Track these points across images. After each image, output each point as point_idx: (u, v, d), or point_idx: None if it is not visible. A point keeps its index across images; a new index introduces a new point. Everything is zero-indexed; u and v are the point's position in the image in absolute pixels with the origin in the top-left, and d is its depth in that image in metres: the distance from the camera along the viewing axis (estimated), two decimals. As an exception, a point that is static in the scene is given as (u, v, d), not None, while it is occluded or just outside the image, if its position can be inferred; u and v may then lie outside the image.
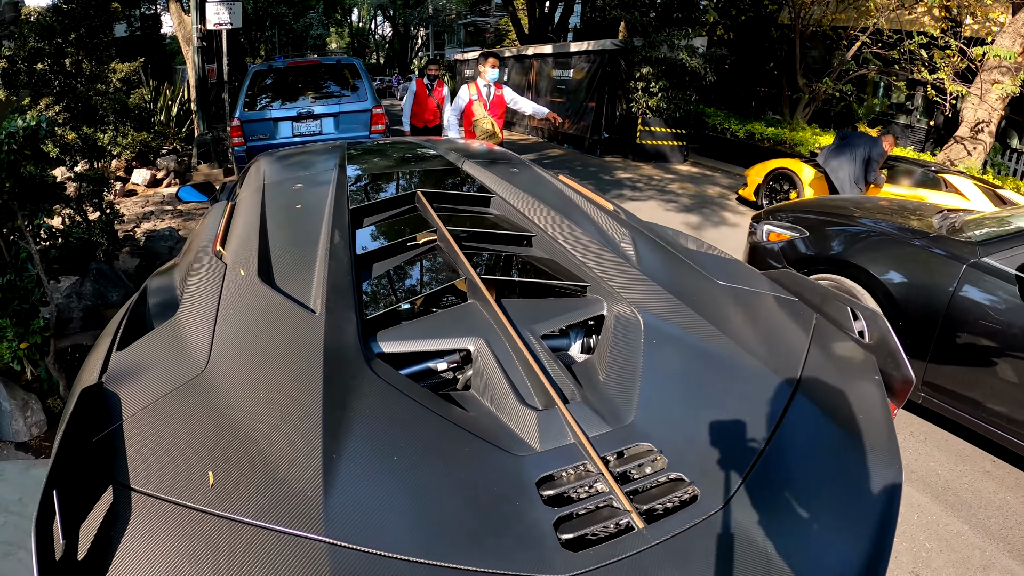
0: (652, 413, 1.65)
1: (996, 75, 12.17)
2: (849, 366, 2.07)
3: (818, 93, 14.20)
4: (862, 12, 14.26)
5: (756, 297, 2.44)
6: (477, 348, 1.88)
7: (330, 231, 2.41)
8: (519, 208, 2.84)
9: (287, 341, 1.78)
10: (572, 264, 2.42)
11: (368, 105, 9.37)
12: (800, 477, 1.54)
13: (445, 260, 2.40)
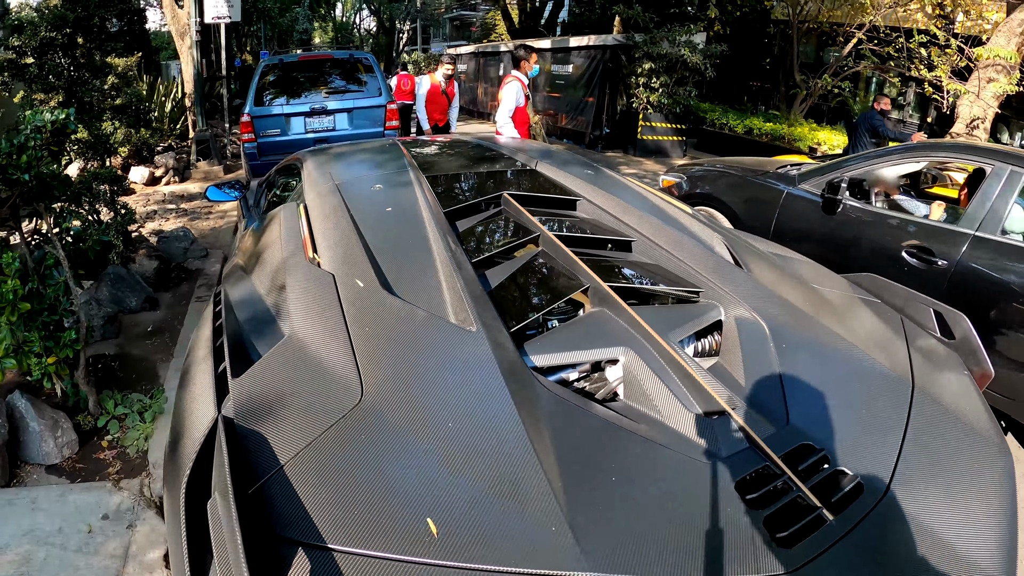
0: (803, 413, 1.75)
1: (992, 73, 12.39)
2: (943, 363, 2.22)
3: (815, 89, 14.37)
4: (858, 9, 14.44)
5: (848, 300, 2.54)
6: (627, 358, 1.85)
7: (437, 236, 2.31)
8: (609, 211, 2.80)
9: (454, 361, 1.71)
10: (679, 268, 2.40)
11: (382, 101, 9.27)
12: (938, 462, 1.69)
13: (558, 266, 2.32)
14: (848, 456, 1.62)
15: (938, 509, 1.54)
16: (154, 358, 4.39)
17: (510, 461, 1.41)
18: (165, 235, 6.44)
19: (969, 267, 4.06)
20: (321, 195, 2.84)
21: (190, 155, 11.73)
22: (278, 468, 1.37)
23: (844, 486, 1.53)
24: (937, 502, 1.56)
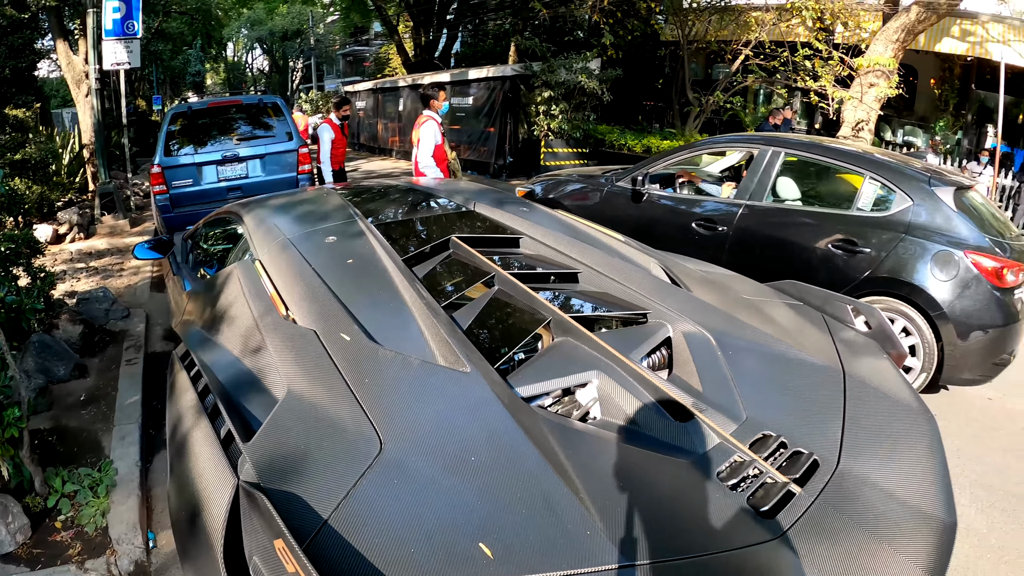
0: (757, 407, 2.03)
1: (872, 79, 13.08)
2: (864, 349, 2.57)
3: (707, 105, 14.79)
4: (744, 27, 15.00)
5: (776, 305, 2.88)
6: (600, 379, 2.04)
7: (406, 284, 2.40)
8: (552, 245, 2.97)
9: (458, 401, 1.83)
10: (625, 293, 2.61)
11: (294, 145, 9.01)
12: (876, 432, 2.04)
13: (518, 302, 2.45)
14: (802, 438, 1.92)
15: (883, 469, 1.86)
16: (93, 428, 4.14)
17: (535, 481, 1.56)
18: (85, 296, 6.03)
19: (742, 228, 5.34)
20: (276, 251, 2.82)
21: (93, 209, 10.95)
22: (323, 523, 1.41)
23: (804, 463, 1.80)
24: (881, 464, 1.88)
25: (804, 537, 1.56)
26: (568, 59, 13.87)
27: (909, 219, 4.79)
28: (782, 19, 14.73)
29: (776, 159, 5.41)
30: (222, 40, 41.04)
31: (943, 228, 4.71)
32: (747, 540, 1.53)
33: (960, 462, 4.27)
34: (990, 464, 4.33)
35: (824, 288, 4.42)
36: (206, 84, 49.93)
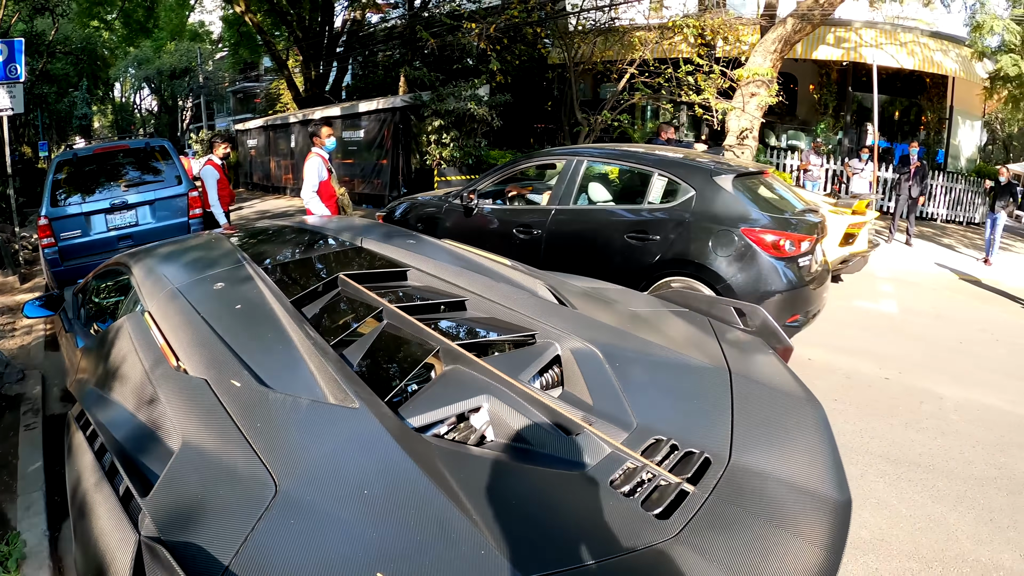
0: (647, 414, 2.11)
1: (753, 88, 13.47)
2: (751, 348, 2.70)
3: (596, 124, 14.93)
4: (628, 47, 15.25)
5: (661, 314, 3.00)
6: (490, 403, 2.07)
7: (294, 326, 2.39)
8: (438, 275, 3.06)
9: (348, 437, 1.83)
10: (512, 316, 2.69)
11: (183, 189, 8.66)
12: (765, 424, 2.12)
13: (406, 335, 2.47)
14: (693, 439, 1.99)
15: (774, 459, 1.95)
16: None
17: (428, 508, 1.58)
18: (-30, 360, 5.54)
19: (553, 230, 5.92)
20: (165, 301, 2.79)
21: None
22: (224, 570, 1.41)
23: (696, 462, 1.88)
24: (772, 454, 1.97)
25: (701, 533, 1.62)
26: (457, 87, 13.79)
27: (692, 206, 5.35)
28: (665, 37, 15.05)
29: (580, 167, 6.06)
30: (109, 80, 39.61)
31: (722, 211, 5.27)
32: (643, 542, 1.57)
33: (865, 440, 4.58)
34: (894, 439, 4.62)
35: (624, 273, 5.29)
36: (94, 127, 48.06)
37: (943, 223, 18.21)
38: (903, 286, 9.84)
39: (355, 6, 21.41)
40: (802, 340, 6.36)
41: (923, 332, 7.39)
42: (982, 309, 8.82)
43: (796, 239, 5.17)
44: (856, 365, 5.99)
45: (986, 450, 4.54)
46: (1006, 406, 5.33)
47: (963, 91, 19.50)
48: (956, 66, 17.66)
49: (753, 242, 5.10)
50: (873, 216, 10.35)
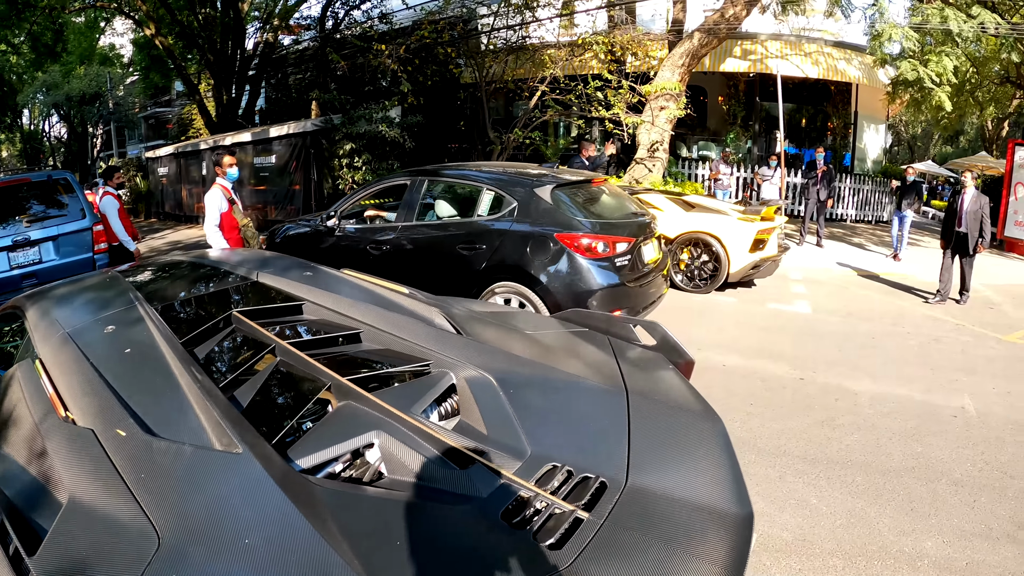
0: (541, 441, 2.06)
1: (662, 102, 13.70)
2: (650, 365, 2.70)
3: (508, 142, 14.95)
4: (539, 65, 15.34)
5: (560, 335, 2.98)
6: (381, 439, 2.01)
7: (182, 369, 2.31)
8: (333, 308, 2.98)
9: (231, 484, 1.77)
10: (406, 347, 2.64)
11: (87, 223, 8.29)
12: (662, 444, 2.10)
13: (298, 372, 2.41)
14: (588, 464, 1.96)
15: (672, 478, 1.92)
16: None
17: (309, 555, 1.53)
18: None
19: (398, 245, 6.39)
20: (55, 348, 2.66)
21: None
22: None
23: (591, 488, 1.84)
24: (669, 473, 1.95)
25: (596, 561, 1.59)
26: (368, 110, 13.63)
27: (515, 216, 5.85)
28: (575, 54, 15.20)
29: (422, 186, 6.59)
30: (16, 107, 37.93)
31: (539, 219, 5.74)
32: (535, 574, 1.54)
33: (783, 442, 4.61)
34: (811, 438, 4.67)
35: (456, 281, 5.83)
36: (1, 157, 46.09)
37: (853, 223, 18.85)
38: (815, 286, 10.10)
39: (267, 28, 21.00)
40: (717, 347, 6.58)
41: (836, 330, 7.58)
42: (892, 304, 9.09)
43: (610, 241, 5.67)
44: (771, 368, 6.09)
45: (902, 441, 4.65)
46: (919, 395, 5.51)
47: (867, 97, 20.31)
48: (859, 73, 18.38)
49: (567, 246, 5.58)
50: (782, 221, 10.64)
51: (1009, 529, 3.60)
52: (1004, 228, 14.88)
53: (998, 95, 20.75)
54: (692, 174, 17.73)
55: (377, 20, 16.99)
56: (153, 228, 18.74)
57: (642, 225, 6.20)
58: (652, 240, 6.39)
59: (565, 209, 5.84)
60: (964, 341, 7.31)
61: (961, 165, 24.64)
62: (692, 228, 8.89)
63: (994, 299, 9.76)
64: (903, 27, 13.73)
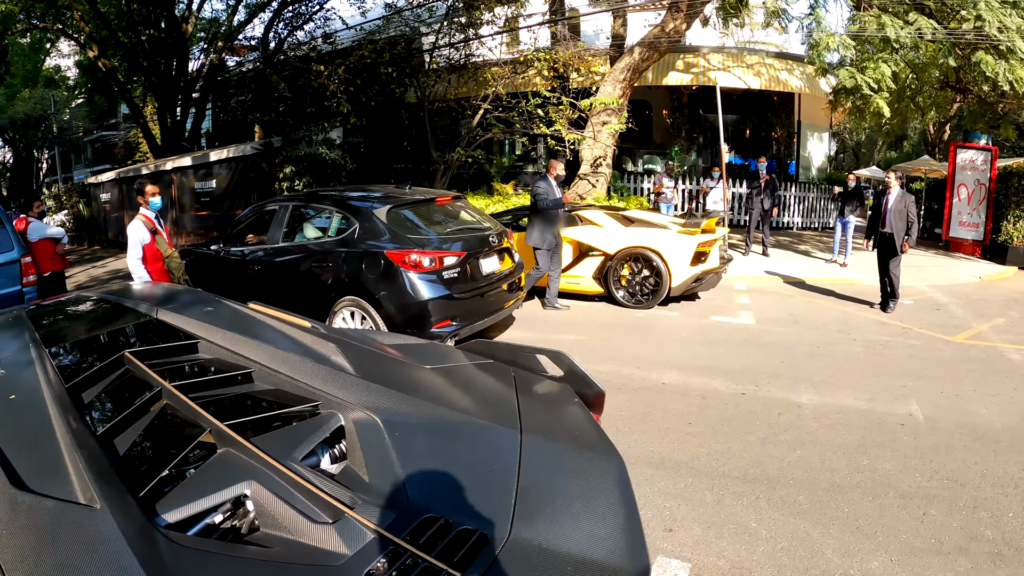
0: (422, 490, 1.93)
1: (604, 117, 13.78)
2: (553, 399, 2.57)
3: (451, 162, 14.90)
4: (481, 83, 15.34)
5: (461, 369, 2.86)
6: (253, 489, 1.90)
7: (59, 416, 2.20)
8: (228, 347, 2.87)
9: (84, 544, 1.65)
10: (296, 387, 2.52)
11: (15, 255, 7.89)
12: (553, 492, 1.97)
13: (182, 417, 2.31)
14: (469, 515, 1.82)
15: (561, 530, 1.80)
16: None
17: None
18: None
19: (265, 265, 7.08)
20: None
21: None
22: None
23: (469, 542, 1.70)
24: (559, 524, 1.82)
25: None
26: (309, 131, 13.49)
27: (355, 236, 6.44)
28: (518, 72, 15.24)
29: (286, 211, 7.22)
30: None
31: (374, 238, 6.32)
32: None
33: (721, 462, 4.44)
34: (751, 457, 4.50)
35: (312, 298, 6.53)
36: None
37: (800, 231, 19.14)
38: (760, 297, 10.10)
39: (212, 50, 20.74)
40: (657, 364, 6.49)
41: (780, 340, 7.50)
42: (838, 310, 9.13)
43: (437, 256, 6.24)
44: (712, 384, 5.96)
45: (847, 454, 4.52)
46: (864, 405, 5.41)
47: (809, 106, 20.66)
48: (801, 83, 18.69)
49: (395, 262, 6.12)
50: (724, 232, 10.70)
51: (961, 542, 3.48)
52: (949, 229, 15.31)
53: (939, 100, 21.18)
54: (637, 188, 17.86)
55: (321, 40, 16.88)
56: (96, 256, 18.32)
57: (480, 239, 6.75)
58: (494, 253, 6.94)
59: (397, 228, 6.40)
60: (911, 345, 7.30)
61: (905, 169, 25.17)
62: (632, 243, 8.84)
63: (941, 300, 9.88)
64: (840, 35, 13.98)
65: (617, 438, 4.61)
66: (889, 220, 8.86)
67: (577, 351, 6.68)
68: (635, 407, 5.36)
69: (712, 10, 16.08)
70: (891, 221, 8.84)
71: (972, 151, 15.18)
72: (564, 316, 8.70)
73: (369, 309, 6.26)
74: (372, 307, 6.25)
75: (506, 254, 7.23)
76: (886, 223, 8.90)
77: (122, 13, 19.07)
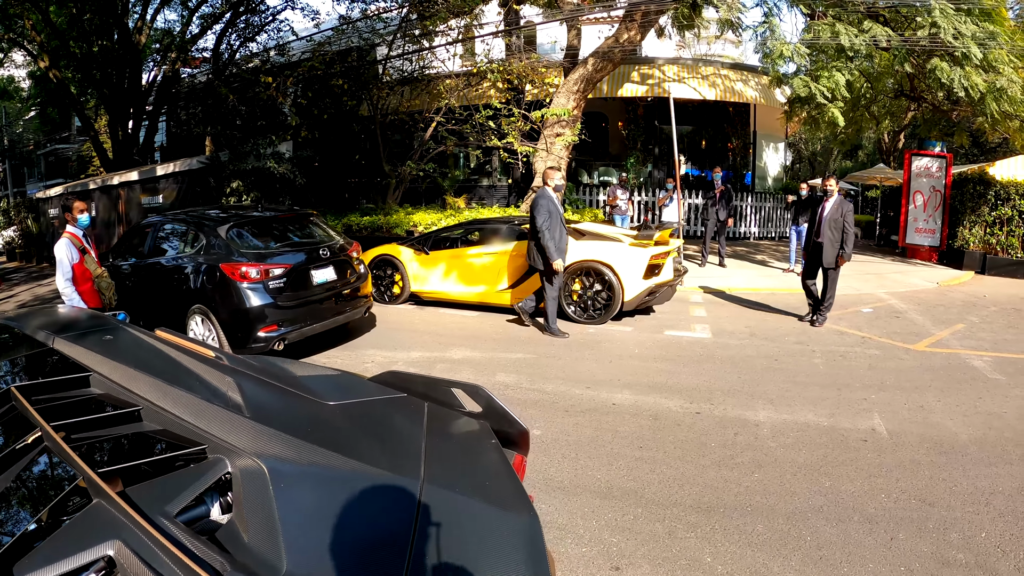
0: (299, 556, 1.70)
1: (558, 129, 13.74)
2: (467, 441, 2.36)
3: (404, 175, 14.76)
4: (434, 96, 15.23)
5: (367, 406, 2.62)
6: (117, 551, 1.70)
7: None
8: (119, 382, 2.65)
9: None
10: (185, 430, 2.30)
11: None
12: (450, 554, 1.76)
13: (58, 462, 2.14)
14: None
15: None
16: None
17: None
18: None
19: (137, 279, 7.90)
20: None
21: None
22: None
23: None
24: None
25: None
26: (257, 145, 13.27)
27: (202, 251, 7.31)
28: (472, 84, 15.17)
29: (159, 227, 8.09)
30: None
31: (216, 252, 7.13)
32: None
33: (674, 490, 4.16)
34: (706, 483, 4.23)
35: (172, 307, 7.38)
36: None
37: (756, 240, 19.28)
38: (716, 308, 9.95)
39: (166, 61, 20.38)
40: (607, 383, 6.27)
41: (737, 354, 7.31)
42: (796, 321, 8.95)
43: (263, 268, 6.99)
44: (665, 403, 5.69)
45: (808, 476, 4.27)
46: (825, 421, 5.21)
47: (765, 116, 20.88)
48: (756, 93, 18.87)
49: (227, 273, 6.89)
50: (678, 244, 10.61)
51: (932, 568, 3.25)
52: (905, 235, 15.54)
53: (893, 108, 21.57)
54: (593, 200, 17.88)
55: (274, 52, 16.67)
56: (43, 274, 17.84)
57: (312, 252, 7.55)
58: (329, 265, 7.64)
59: (234, 243, 7.21)
60: (871, 355, 7.18)
61: (861, 178, 25.56)
62: (582, 257, 8.69)
63: (899, 307, 9.82)
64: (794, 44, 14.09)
65: (563, 465, 4.52)
66: (824, 230, 8.32)
67: (525, 370, 6.74)
68: (583, 430, 5.13)
69: (667, 21, 16.16)
70: (824, 231, 8.32)
71: (927, 158, 15.41)
72: (513, 332, 8.53)
73: (210, 315, 7.02)
74: (212, 314, 7.03)
75: (346, 266, 7.91)
76: (820, 232, 8.38)
77: (74, 22, 18.63)
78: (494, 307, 9.31)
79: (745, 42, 17.11)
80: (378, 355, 7.46)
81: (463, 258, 9.62)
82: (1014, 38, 12.83)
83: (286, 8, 19.39)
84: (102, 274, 6.56)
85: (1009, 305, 10.35)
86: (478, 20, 16.06)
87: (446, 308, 9.87)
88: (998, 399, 5.77)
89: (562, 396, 5.94)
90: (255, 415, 2.47)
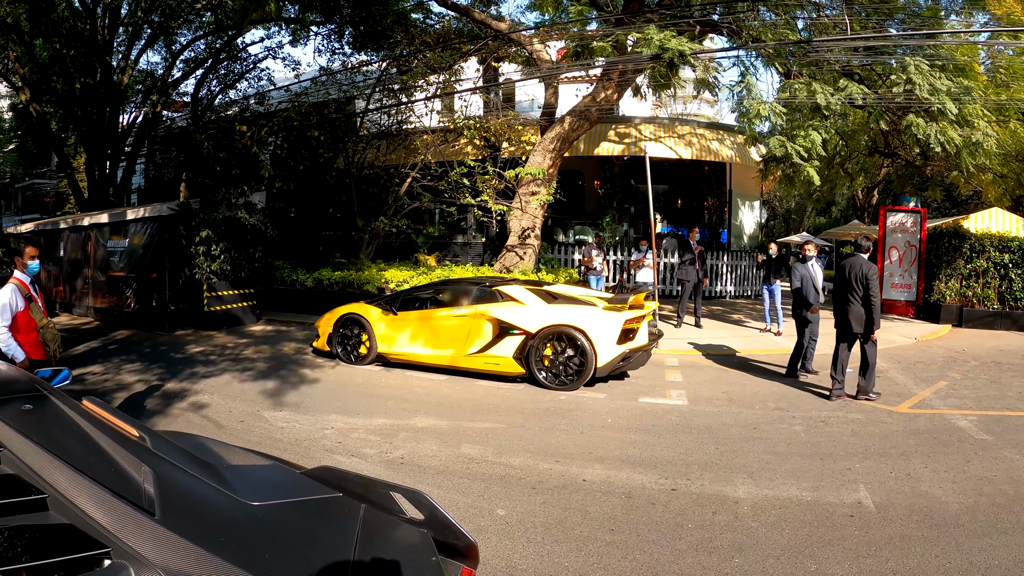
0: None
1: (533, 187, 13.76)
2: (404, 556, 2.11)
3: (378, 230, 14.73)
4: (410, 151, 15.29)
5: (294, 509, 2.41)
6: None
7: None
8: (29, 464, 2.41)
9: None
10: (89, 527, 2.11)
11: None
12: None
13: None
14: None
15: None
16: None
17: None
18: None
19: None
20: None
21: None
22: None
23: None
24: None
25: None
26: (229, 193, 13.16)
27: None
28: (448, 140, 15.24)
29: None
30: None
31: None
32: None
33: None
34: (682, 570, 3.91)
35: None
36: None
37: (732, 299, 19.34)
38: (693, 373, 9.71)
39: (147, 102, 20.34)
40: (578, 456, 5.98)
41: (714, 423, 7.03)
42: (775, 385, 8.76)
43: None
44: (638, 479, 5.37)
45: (792, 559, 3.98)
46: (808, 496, 4.96)
47: (740, 175, 21.14)
48: (732, 152, 19.12)
49: None
50: (654, 307, 10.42)
51: None
52: (881, 291, 15.54)
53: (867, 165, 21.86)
54: (568, 259, 17.91)
55: (253, 100, 16.69)
56: (8, 313, 17.55)
57: None
58: None
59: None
60: (854, 419, 6.99)
61: (835, 235, 25.89)
62: (554, 321, 8.46)
63: (880, 365, 9.36)
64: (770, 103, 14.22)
65: (528, 551, 4.20)
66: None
67: (492, 441, 6.45)
68: (550, 511, 4.77)
69: (644, 80, 16.37)
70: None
71: (902, 214, 15.63)
72: (480, 399, 8.20)
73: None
74: None
75: None
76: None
77: (58, 58, 18.61)
78: (463, 371, 9.14)
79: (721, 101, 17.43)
80: (338, 420, 7.04)
81: (431, 320, 9.44)
82: (987, 92, 13.10)
83: (267, 57, 19.50)
84: (47, 324, 6.31)
85: (989, 359, 10.37)
86: (457, 76, 16.20)
87: (414, 371, 9.63)
88: (987, 461, 5.66)
89: (529, 471, 5.60)
90: (167, 518, 2.31)
